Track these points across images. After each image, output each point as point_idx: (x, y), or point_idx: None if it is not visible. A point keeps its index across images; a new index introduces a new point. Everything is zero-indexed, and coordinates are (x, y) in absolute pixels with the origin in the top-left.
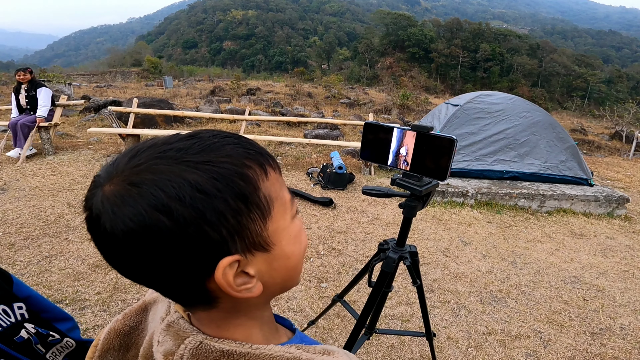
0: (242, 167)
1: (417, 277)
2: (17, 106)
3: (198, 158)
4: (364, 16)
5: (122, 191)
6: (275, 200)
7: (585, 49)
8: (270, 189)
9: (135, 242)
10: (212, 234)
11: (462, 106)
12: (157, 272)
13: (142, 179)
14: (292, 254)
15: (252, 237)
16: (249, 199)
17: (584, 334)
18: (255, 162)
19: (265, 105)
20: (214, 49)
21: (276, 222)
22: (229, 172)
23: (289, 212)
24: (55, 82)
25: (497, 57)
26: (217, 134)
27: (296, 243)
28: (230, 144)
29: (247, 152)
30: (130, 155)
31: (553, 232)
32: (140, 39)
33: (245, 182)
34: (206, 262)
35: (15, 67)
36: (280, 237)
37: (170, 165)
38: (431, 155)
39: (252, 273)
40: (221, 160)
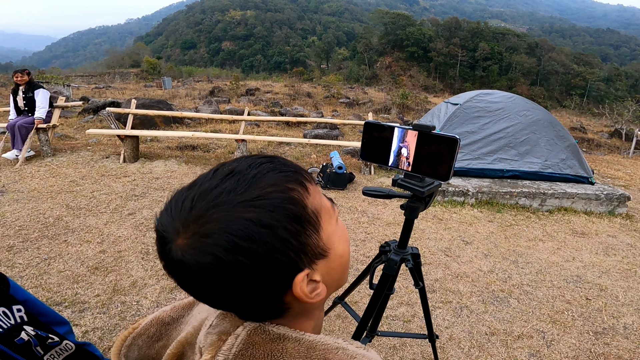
0: (288, 192)
1: (420, 280)
2: (14, 108)
3: (248, 196)
4: (363, 16)
5: (197, 244)
6: (320, 211)
7: (584, 47)
8: (314, 202)
9: (220, 278)
10: (283, 259)
11: (461, 105)
12: (239, 298)
13: (211, 229)
14: (344, 252)
15: (312, 249)
16: (301, 219)
17: (587, 333)
18: (296, 183)
19: (265, 105)
20: (213, 50)
21: (326, 230)
22: (279, 201)
23: (334, 217)
24: (53, 84)
25: (496, 56)
26: (253, 163)
27: (344, 241)
28: (269, 171)
29: (286, 176)
30: (189, 208)
31: (554, 230)
32: (138, 39)
33: (295, 205)
34: (282, 283)
35: (14, 68)
36: (332, 240)
37: (229, 211)
38: (433, 155)
39: (318, 279)
40: (268, 191)
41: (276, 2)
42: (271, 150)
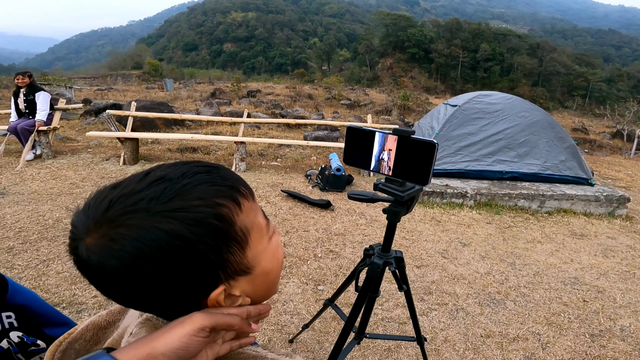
0: (216, 207)
1: (404, 283)
2: (15, 110)
3: (170, 206)
4: (364, 17)
5: (104, 246)
6: (251, 229)
7: (585, 48)
8: (245, 220)
9: (125, 282)
10: (197, 272)
11: (460, 106)
12: (146, 302)
13: (121, 234)
14: (272, 270)
15: (234, 266)
16: (226, 236)
17: (583, 335)
18: (227, 199)
19: (266, 107)
20: (214, 51)
21: (254, 248)
22: (203, 215)
23: (266, 235)
24: (56, 86)
25: (497, 57)
26: (186, 172)
27: (274, 260)
28: (201, 183)
29: (218, 190)
30: (104, 208)
31: (553, 232)
32: (140, 41)
33: (221, 222)
34: (195, 294)
35: (17, 70)
36: (259, 259)
37: (145, 219)
38: (413, 159)
39: (237, 294)
40: (194, 204)
41: (277, 4)
42: (271, 152)
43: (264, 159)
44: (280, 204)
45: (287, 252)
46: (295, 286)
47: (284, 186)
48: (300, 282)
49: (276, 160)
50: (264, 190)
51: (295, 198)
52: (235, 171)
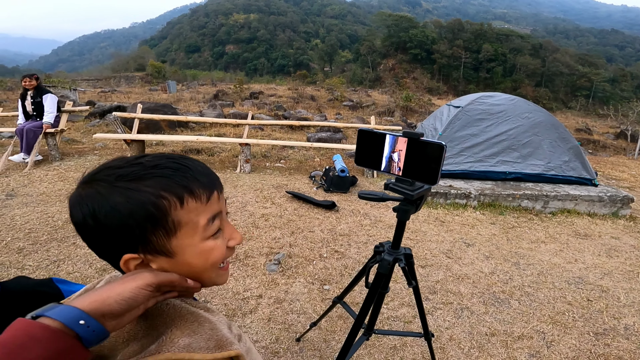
0: (158, 198)
1: (413, 279)
2: (23, 112)
3: (127, 185)
4: (365, 18)
5: (76, 197)
6: (184, 225)
7: (588, 48)
8: (182, 216)
9: (79, 229)
10: (119, 237)
11: (463, 108)
12: (94, 248)
13: (86, 193)
14: (194, 265)
15: (154, 246)
16: (156, 222)
17: (587, 334)
18: (172, 194)
19: (268, 108)
20: (217, 53)
21: (181, 240)
22: (144, 199)
23: (199, 235)
24: (60, 88)
25: (500, 58)
26: (160, 164)
27: (201, 258)
28: (160, 175)
29: (169, 185)
30: (94, 171)
31: (557, 232)
32: (143, 43)
33: (157, 210)
34: (117, 252)
35: (21, 72)
36: (184, 251)
37: (105, 188)
38: (422, 160)
39: (155, 267)
40: (143, 189)
41: (279, 5)
42: (275, 154)
43: (267, 160)
44: (285, 205)
45: (292, 252)
46: (302, 286)
47: (289, 187)
48: (306, 281)
49: (280, 161)
50: (269, 192)
51: (300, 199)
52: (240, 173)
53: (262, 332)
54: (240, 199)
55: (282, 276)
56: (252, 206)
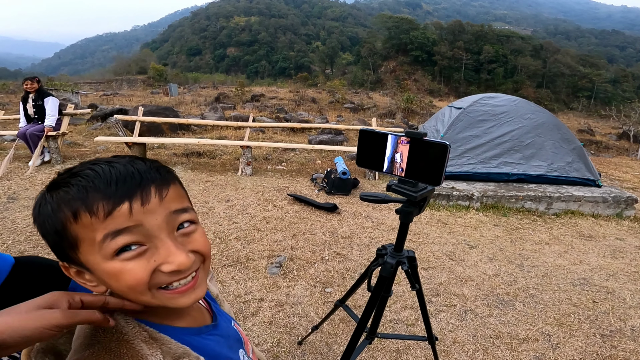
0: (57, 211)
1: (416, 282)
2: (25, 115)
3: (50, 195)
4: (366, 20)
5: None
6: (82, 240)
7: (589, 49)
8: (78, 230)
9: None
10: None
11: (465, 109)
12: None
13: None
14: (111, 286)
15: (70, 257)
16: (60, 233)
17: (593, 336)
18: (69, 209)
19: (270, 111)
20: (218, 56)
21: (85, 257)
22: (48, 213)
23: (99, 254)
24: (62, 91)
25: (501, 59)
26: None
27: (111, 279)
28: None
29: (65, 197)
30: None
31: (561, 234)
32: (144, 46)
33: (55, 222)
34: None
35: (23, 75)
36: (93, 268)
37: (41, 195)
38: (425, 161)
39: (88, 278)
40: (50, 201)
41: (280, 8)
42: (276, 157)
43: (269, 163)
44: (286, 208)
45: (294, 255)
46: (303, 289)
47: (290, 190)
48: (308, 284)
49: (281, 164)
50: (270, 194)
51: (302, 202)
52: (242, 175)
53: (264, 336)
54: (241, 201)
55: (284, 279)
56: (253, 209)
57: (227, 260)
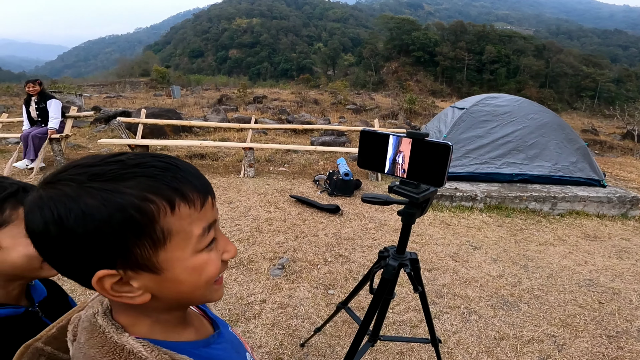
0: (143, 200)
1: (419, 284)
2: (28, 118)
3: (101, 186)
4: (368, 21)
5: (35, 200)
6: (175, 234)
7: (592, 48)
8: (173, 223)
9: (37, 240)
10: (91, 249)
11: (468, 109)
12: (56, 264)
13: (49, 194)
14: (186, 282)
15: (138, 260)
16: (141, 229)
17: (600, 337)
18: (161, 197)
19: (272, 112)
20: (220, 58)
21: (171, 253)
22: (124, 203)
23: (191, 247)
24: (66, 93)
25: (503, 59)
26: (144, 162)
27: (193, 274)
28: (145, 175)
29: (156, 187)
30: (59, 170)
31: (566, 234)
32: (147, 48)
33: (141, 214)
34: (87, 268)
35: (27, 78)
36: (173, 265)
37: (74, 189)
38: (427, 161)
39: (136, 286)
40: (123, 190)
41: (281, 10)
42: (278, 158)
43: (271, 164)
44: (289, 209)
45: (296, 257)
46: (306, 290)
47: (293, 191)
48: (310, 286)
49: (284, 165)
50: (272, 196)
51: (304, 203)
52: (244, 177)
53: (266, 338)
54: (244, 203)
55: (286, 281)
56: (255, 210)
57: (230, 262)
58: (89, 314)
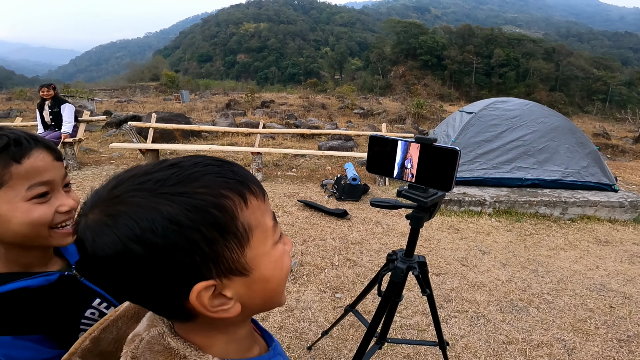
0: (219, 198)
1: (427, 287)
2: (41, 123)
3: (174, 190)
4: (375, 25)
5: (100, 221)
6: (255, 228)
7: (603, 51)
8: (250, 217)
9: (113, 266)
10: (186, 261)
11: (476, 113)
12: (135, 292)
13: (119, 210)
14: (272, 278)
15: (229, 263)
16: (225, 229)
17: (610, 341)
18: (234, 192)
19: (280, 117)
20: (228, 62)
21: (255, 249)
22: (204, 203)
23: (271, 239)
24: (78, 98)
25: (512, 62)
26: (199, 162)
27: (277, 268)
28: (210, 173)
29: (225, 182)
30: (112, 186)
31: (577, 239)
32: (157, 53)
33: (222, 212)
34: (181, 286)
35: (40, 82)
36: (259, 262)
37: (146, 198)
38: (435, 166)
39: (229, 295)
40: (198, 191)
41: (289, 14)
42: (286, 163)
43: (279, 169)
44: (297, 214)
45: (304, 260)
46: (313, 294)
47: (300, 196)
48: (318, 290)
49: (291, 170)
50: (280, 200)
51: (312, 208)
52: None
53: None
54: None
55: (294, 284)
56: None
57: None
58: (156, 335)
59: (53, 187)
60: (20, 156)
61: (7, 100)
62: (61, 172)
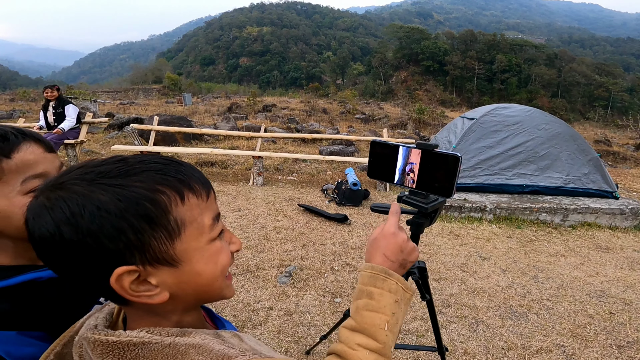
0: (154, 192)
1: (427, 292)
2: (45, 123)
3: (112, 181)
4: (377, 30)
5: (42, 204)
6: (189, 224)
7: (605, 57)
8: (185, 213)
9: (48, 245)
10: (109, 246)
11: (478, 120)
12: (68, 270)
13: (58, 195)
14: (204, 272)
15: (155, 253)
16: (154, 221)
17: (610, 347)
18: (170, 188)
19: (281, 121)
20: (231, 66)
21: (187, 243)
22: (136, 195)
23: (206, 236)
24: (82, 99)
25: (514, 68)
26: (146, 160)
27: (210, 263)
28: (152, 170)
29: (164, 179)
30: (63, 172)
31: (577, 246)
32: (160, 55)
33: (154, 205)
34: (104, 268)
35: (44, 83)
36: (190, 256)
37: (83, 187)
38: (437, 172)
39: (154, 283)
40: (133, 184)
41: (291, 19)
42: (287, 167)
43: (280, 173)
44: (297, 218)
45: (304, 265)
46: (312, 298)
47: (301, 200)
48: (317, 294)
49: (292, 174)
50: (281, 205)
51: (312, 212)
52: (253, 185)
53: (272, 344)
54: (252, 211)
55: (293, 288)
56: (264, 219)
57: (237, 269)
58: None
59: None
60: (9, 151)
61: (10, 101)
62: (55, 164)
